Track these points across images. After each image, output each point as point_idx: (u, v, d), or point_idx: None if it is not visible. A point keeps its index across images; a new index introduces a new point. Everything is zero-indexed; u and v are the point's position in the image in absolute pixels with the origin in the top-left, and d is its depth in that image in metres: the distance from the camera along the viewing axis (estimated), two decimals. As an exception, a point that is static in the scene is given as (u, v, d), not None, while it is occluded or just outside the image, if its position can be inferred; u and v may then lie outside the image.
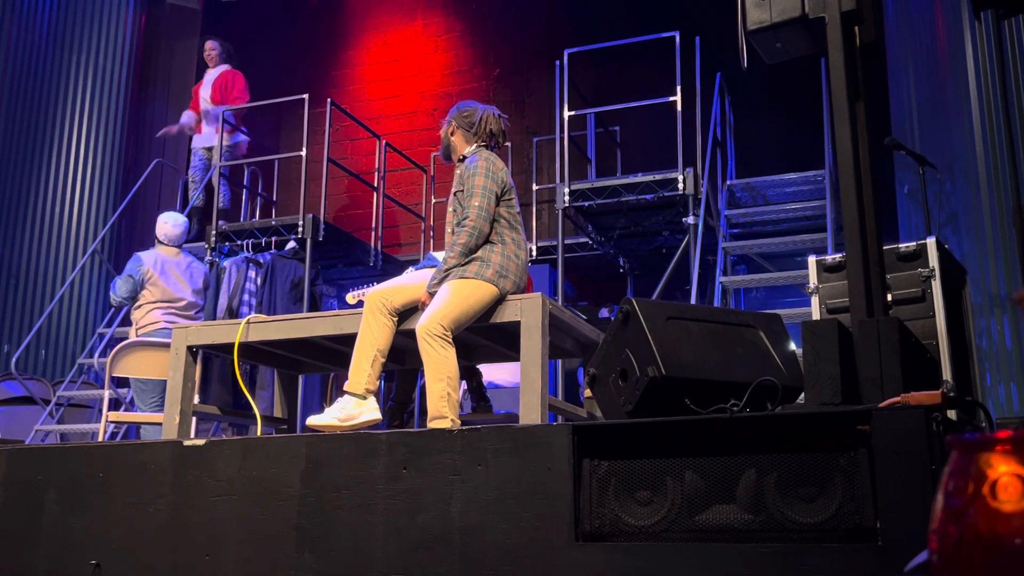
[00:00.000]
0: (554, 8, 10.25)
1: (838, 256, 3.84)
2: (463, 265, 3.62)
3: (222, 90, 8.02)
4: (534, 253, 8.25)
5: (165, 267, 5.94)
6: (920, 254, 3.67)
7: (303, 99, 7.45)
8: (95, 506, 3.14)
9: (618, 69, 9.24)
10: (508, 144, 9.05)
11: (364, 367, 3.59)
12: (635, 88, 7.74)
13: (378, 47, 11.22)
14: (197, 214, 8.09)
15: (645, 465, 2.44)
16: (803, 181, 6.91)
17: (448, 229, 3.84)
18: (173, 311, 5.80)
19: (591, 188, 6.87)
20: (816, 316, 3.82)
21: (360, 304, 3.83)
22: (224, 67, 8.17)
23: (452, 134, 3.96)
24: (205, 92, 8.13)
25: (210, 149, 7.96)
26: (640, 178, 6.69)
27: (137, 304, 5.88)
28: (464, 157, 3.88)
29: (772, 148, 8.18)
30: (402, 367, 4.49)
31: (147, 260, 5.94)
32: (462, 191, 3.76)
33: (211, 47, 8.27)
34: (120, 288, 5.86)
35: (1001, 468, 1.05)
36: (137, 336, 5.72)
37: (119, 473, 3.14)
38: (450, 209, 3.85)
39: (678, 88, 6.67)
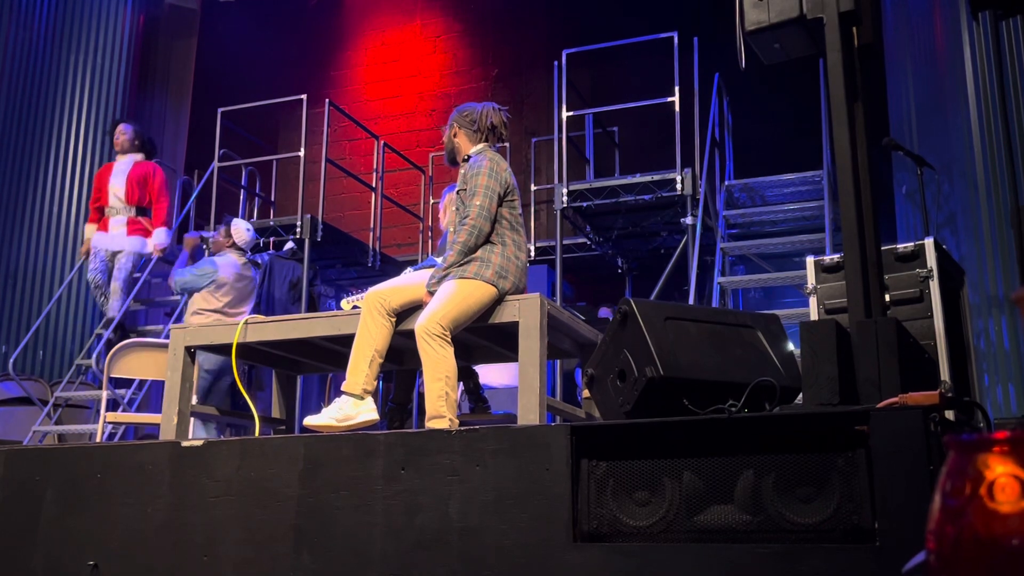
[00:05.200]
0: (552, 9, 10.26)
1: (836, 257, 3.84)
2: (463, 265, 3.62)
3: (140, 185, 6.85)
4: (532, 254, 8.26)
5: (235, 276, 5.86)
6: (918, 255, 3.67)
7: (301, 99, 7.45)
8: (93, 507, 3.14)
9: (616, 70, 9.26)
10: (507, 144, 9.11)
11: (362, 367, 3.59)
12: (633, 88, 7.75)
13: (376, 47, 11.23)
14: (119, 330, 6.67)
15: (643, 466, 2.44)
16: (801, 182, 6.91)
17: (450, 228, 3.84)
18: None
19: (589, 189, 6.87)
20: (814, 316, 3.82)
21: (355, 310, 3.83)
22: (137, 156, 6.94)
23: (455, 136, 3.96)
24: (117, 185, 6.85)
25: (115, 254, 6.79)
26: (638, 179, 6.70)
27: (197, 310, 5.77)
28: (469, 157, 3.88)
29: (770, 149, 8.19)
30: (400, 367, 4.49)
31: (222, 267, 5.83)
32: (465, 190, 3.76)
33: (123, 130, 6.93)
34: (187, 276, 5.75)
35: (999, 469, 1.05)
36: None
37: (117, 474, 3.14)
38: (452, 208, 3.85)
39: (676, 88, 6.68)
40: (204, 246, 6.77)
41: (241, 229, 6.03)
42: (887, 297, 3.07)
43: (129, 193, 6.79)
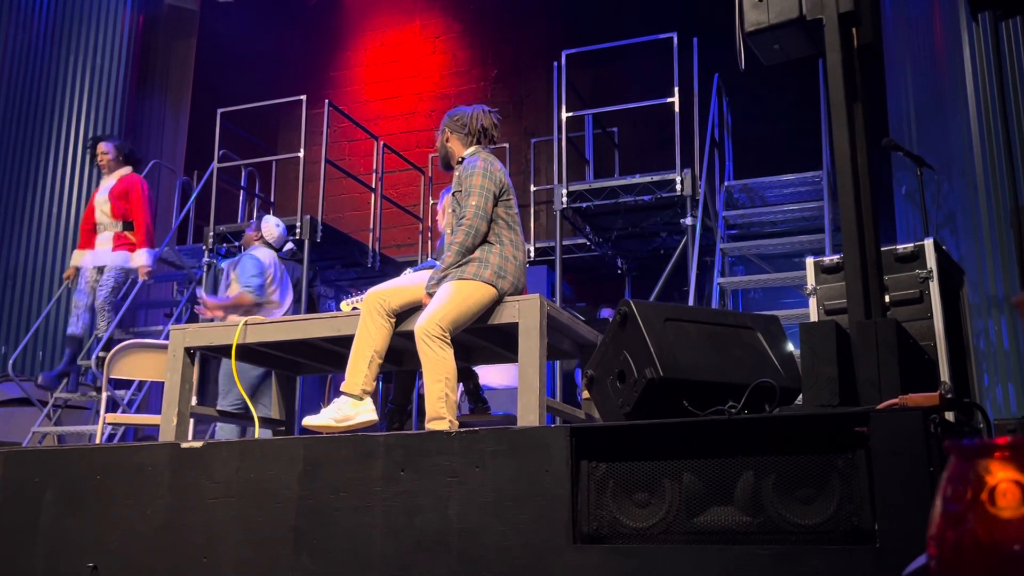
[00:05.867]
0: (552, 9, 10.26)
1: (836, 257, 3.84)
2: (461, 266, 3.62)
3: (122, 199, 6.62)
4: (532, 254, 8.26)
5: (276, 273, 5.78)
6: (918, 255, 3.67)
7: (301, 100, 7.45)
8: (92, 508, 3.14)
9: (616, 70, 9.26)
10: (506, 145, 9.11)
11: (361, 368, 3.58)
12: (633, 89, 7.74)
13: (376, 48, 11.23)
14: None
15: (643, 467, 2.43)
16: (801, 182, 6.91)
17: (447, 230, 3.84)
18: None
19: (589, 189, 6.87)
20: (814, 317, 3.82)
21: (355, 311, 3.83)
22: (123, 171, 6.72)
23: (447, 141, 3.97)
24: (102, 201, 6.68)
25: (101, 269, 6.55)
26: (638, 179, 6.70)
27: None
28: (463, 159, 3.88)
29: (770, 149, 8.19)
30: (400, 368, 4.49)
31: (267, 262, 5.70)
32: (460, 191, 3.76)
33: (104, 150, 6.72)
34: (253, 284, 5.54)
35: (1000, 474, 1.05)
36: None
37: (117, 475, 3.14)
38: (450, 210, 3.85)
39: (676, 89, 6.68)
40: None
41: (271, 225, 6.00)
42: (887, 298, 3.06)
43: (114, 208, 6.62)
